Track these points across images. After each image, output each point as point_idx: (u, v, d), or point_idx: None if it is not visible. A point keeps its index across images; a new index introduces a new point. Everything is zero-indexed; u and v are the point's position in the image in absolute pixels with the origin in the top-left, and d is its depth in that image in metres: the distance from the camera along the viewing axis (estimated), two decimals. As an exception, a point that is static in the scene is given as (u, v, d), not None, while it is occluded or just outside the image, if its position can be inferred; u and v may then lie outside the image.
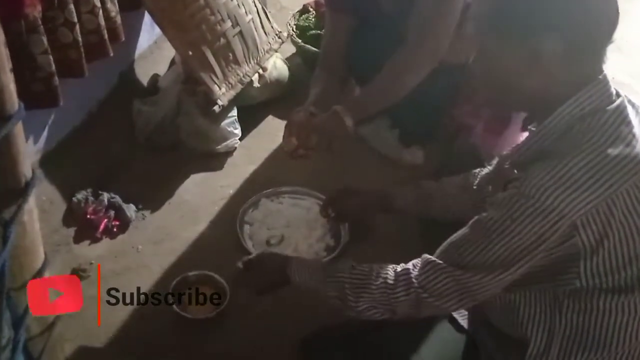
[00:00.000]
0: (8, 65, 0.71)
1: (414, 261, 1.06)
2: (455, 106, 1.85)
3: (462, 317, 1.25)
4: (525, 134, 1.06)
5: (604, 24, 0.94)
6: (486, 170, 1.32)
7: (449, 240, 1.03)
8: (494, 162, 1.29)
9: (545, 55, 0.93)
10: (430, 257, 1.03)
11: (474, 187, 1.31)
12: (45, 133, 1.77)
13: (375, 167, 1.96)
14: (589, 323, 0.98)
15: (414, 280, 1.02)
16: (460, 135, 1.90)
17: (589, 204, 0.89)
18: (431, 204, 1.39)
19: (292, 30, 2.39)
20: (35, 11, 1.47)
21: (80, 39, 1.62)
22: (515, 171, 1.03)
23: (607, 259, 0.93)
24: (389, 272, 1.06)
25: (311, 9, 2.52)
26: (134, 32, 2.14)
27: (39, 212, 1.63)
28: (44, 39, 1.50)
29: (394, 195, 1.45)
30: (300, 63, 2.38)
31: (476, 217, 0.99)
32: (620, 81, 2.47)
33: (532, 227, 0.91)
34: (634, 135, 0.93)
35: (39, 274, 0.89)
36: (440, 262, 1.01)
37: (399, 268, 1.06)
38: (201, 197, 1.84)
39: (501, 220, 0.93)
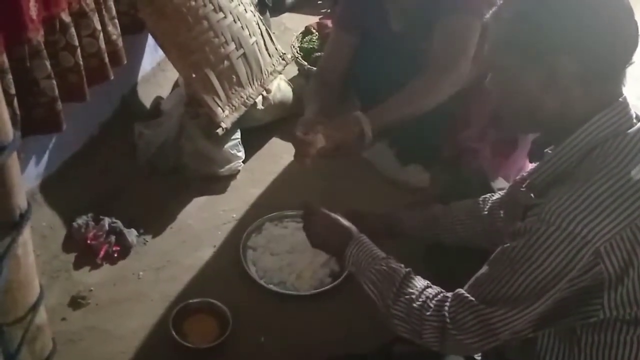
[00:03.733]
0: (2, 95, 0.68)
1: (458, 290, 1.03)
2: (460, 131, 1.83)
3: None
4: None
5: (622, 46, 0.92)
6: (497, 195, 1.29)
7: (476, 274, 1.00)
8: (506, 187, 1.26)
9: (561, 75, 0.91)
10: (463, 291, 1.00)
11: (485, 213, 1.28)
12: (45, 157, 1.75)
13: (381, 191, 1.93)
14: (609, 357, 0.94)
15: (446, 309, 0.99)
16: (466, 159, 1.87)
17: (613, 229, 0.86)
18: (439, 228, 1.36)
19: (297, 52, 2.38)
20: (38, 35, 1.46)
21: (81, 62, 1.61)
22: (532, 195, 1.01)
23: (632, 288, 0.90)
24: (433, 295, 1.03)
25: (314, 30, 2.52)
26: (136, 55, 2.13)
27: (39, 237, 1.64)
28: (47, 64, 1.49)
29: (401, 219, 1.41)
30: (304, 84, 2.36)
31: (500, 248, 0.96)
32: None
33: (556, 256, 0.88)
34: None
35: (34, 308, 0.85)
36: (468, 296, 0.98)
37: (440, 295, 1.03)
38: (204, 221, 1.81)
39: (524, 249, 0.90)
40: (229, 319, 1.47)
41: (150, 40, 2.12)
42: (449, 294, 1.02)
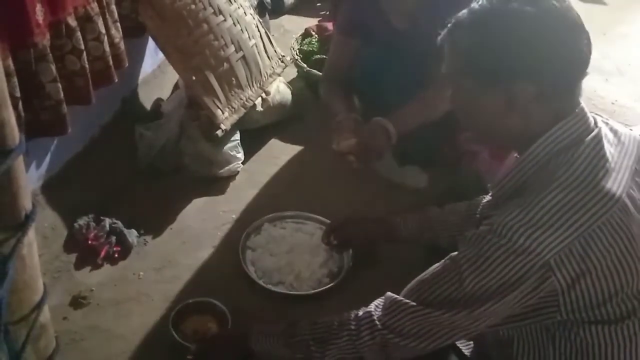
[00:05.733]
0: (9, 99, 0.70)
1: (377, 301, 1.04)
2: (460, 132, 1.85)
3: (466, 348, 1.23)
4: None
5: (576, 62, 0.94)
6: (487, 198, 1.31)
7: (418, 278, 1.01)
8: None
9: (520, 98, 0.94)
10: (395, 296, 1.01)
11: (477, 216, 1.30)
12: (47, 159, 1.77)
13: (378, 191, 1.95)
14: (582, 353, 0.96)
15: (377, 322, 1.00)
16: (465, 161, 1.89)
17: (561, 243, 0.87)
18: (435, 232, 1.38)
19: (296, 54, 2.40)
20: (44, 39, 1.47)
21: (87, 66, 1.62)
22: (495, 203, 1.03)
23: (587, 294, 0.91)
24: (351, 319, 1.04)
25: (313, 33, 2.53)
26: (137, 57, 2.15)
27: (40, 238, 1.65)
28: (53, 67, 1.50)
29: (397, 223, 1.43)
30: (303, 87, 2.39)
31: (449, 255, 0.98)
32: (624, 104, 2.47)
33: (505, 267, 0.89)
34: (607, 170, 0.92)
35: (38, 307, 0.87)
36: (407, 301, 0.99)
37: (360, 312, 1.04)
38: (203, 222, 1.83)
39: (474, 258, 0.92)
40: (228, 318, 1.48)
41: (151, 42, 2.14)
42: (371, 307, 1.02)
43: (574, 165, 0.91)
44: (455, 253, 0.96)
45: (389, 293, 1.03)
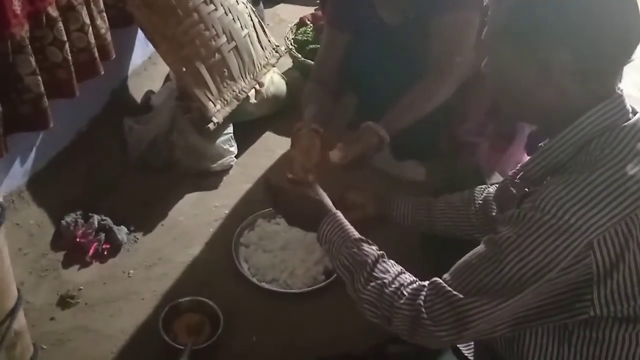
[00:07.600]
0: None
1: (434, 280, 0.99)
2: (458, 125, 1.80)
3: (466, 349, 1.19)
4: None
5: (625, 44, 0.89)
6: (492, 188, 1.27)
7: (460, 261, 0.97)
8: (500, 180, 1.23)
9: (555, 69, 0.89)
10: (440, 281, 0.96)
11: (479, 202, 1.26)
12: (33, 154, 1.72)
13: (376, 185, 1.90)
14: (600, 354, 0.92)
15: (422, 299, 0.96)
16: (463, 153, 1.85)
17: (608, 222, 0.84)
18: (433, 214, 1.32)
19: (291, 44, 2.35)
20: (23, 31, 1.42)
21: (70, 57, 1.57)
22: (527, 189, 0.99)
23: (622, 283, 0.87)
24: (407, 280, 1.00)
25: (308, 22, 2.48)
26: (126, 49, 2.10)
27: (26, 235, 1.61)
28: (32, 60, 1.45)
29: (396, 202, 1.36)
30: (298, 77, 2.33)
31: (488, 236, 0.93)
32: (628, 94, 2.41)
33: (547, 245, 0.85)
34: None
35: (11, 314, 0.82)
36: (445, 286, 0.94)
37: (416, 284, 1.00)
38: (195, 218, 1.79)
39: (514, 237, 0.88)
40: (220, 318, 1.44)
41: (141, 33, 2.08)
42: (425, 283, 0.98)
43: (619, 145, 0.88)
44: (494, 235, 0.92)
45: (436, 278, 0.98)
